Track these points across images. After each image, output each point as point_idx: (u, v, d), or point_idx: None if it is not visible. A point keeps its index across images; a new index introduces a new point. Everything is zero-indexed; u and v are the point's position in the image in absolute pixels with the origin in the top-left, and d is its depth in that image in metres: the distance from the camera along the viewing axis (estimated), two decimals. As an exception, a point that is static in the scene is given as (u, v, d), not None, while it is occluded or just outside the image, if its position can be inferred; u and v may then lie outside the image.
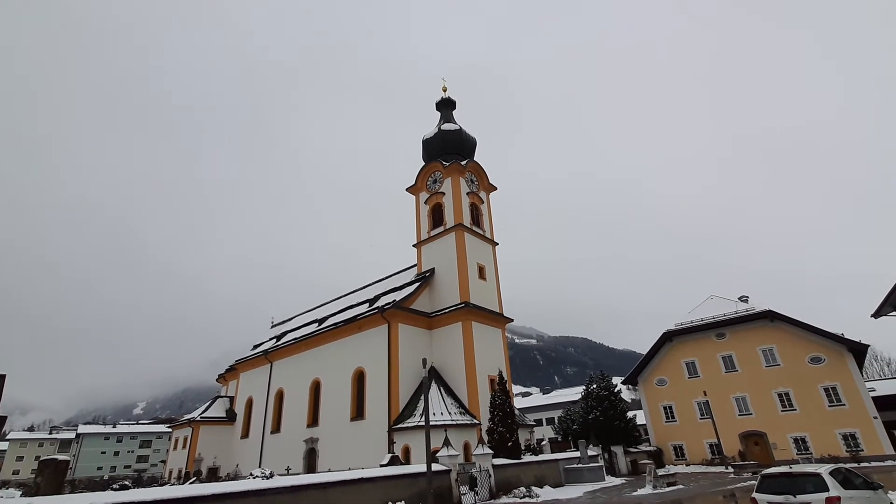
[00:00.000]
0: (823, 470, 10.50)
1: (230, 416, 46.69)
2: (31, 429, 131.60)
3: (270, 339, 52.18)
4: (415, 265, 40.71)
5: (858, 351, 34.48)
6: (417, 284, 36.71)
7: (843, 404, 33.13)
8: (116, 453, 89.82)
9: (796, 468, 11.37)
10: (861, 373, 35.15)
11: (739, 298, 40.82)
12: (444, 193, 39.67)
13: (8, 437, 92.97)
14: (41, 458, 15.19)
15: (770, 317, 37.01)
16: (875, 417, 32.05)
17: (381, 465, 20.87)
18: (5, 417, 11.30)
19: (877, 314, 19.82)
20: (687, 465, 37.33)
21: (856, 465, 27.51)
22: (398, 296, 35.92)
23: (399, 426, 29.53)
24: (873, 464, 29.62)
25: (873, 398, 33.24)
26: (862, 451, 31.54)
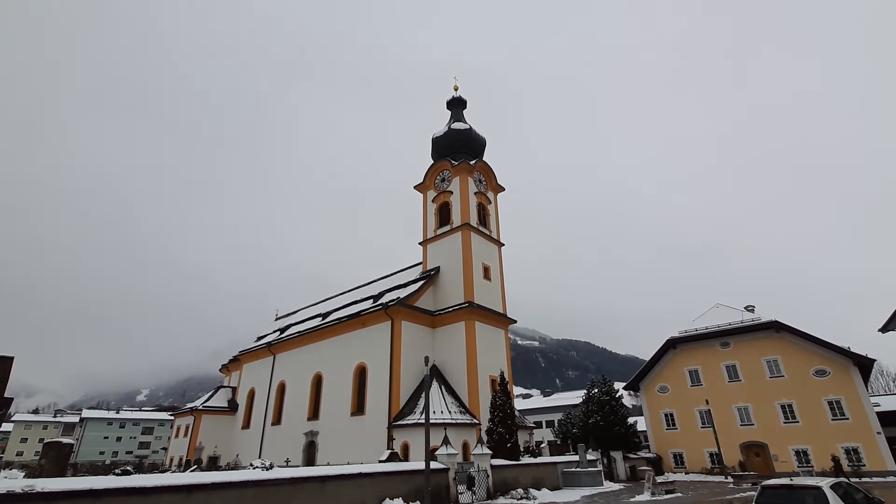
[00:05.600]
0: (824, 483, 10.43)
1: (232, 407, 47.00)
2: (35, 411, 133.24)
3: (274, 331, 52.44)
4: (420, 263, 40.73)
5: (864, 365, 34.15)
6: (422, 282, 36.73)
7: (847, 418, 32.82)
8: (119, 439, 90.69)
9: (797, 481, 11.29)
10: (866, 387, 34.81)
11: (745, 308, 40.51)
12: (451, 192, 39.64)
13: (13, 419, 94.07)
14: (45, 441, 15.36)
15: (776, 327, 36.71)
16: (878, 433, 31.72)
17: (380, 461, 20.92)
18: (11, 399, 11.41)
19: (884, 329, 19.65)
20: (686, 473, 37.15)
21: (857, 479, 27.26)
22: (402, 293, 35.95)
23: (399, 423, 29.59)
24: (875, 479, 29.33)
25: (878, 413, 32.92)
26: (864, 465, 31.25)
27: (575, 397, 67.91)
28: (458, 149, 42.33)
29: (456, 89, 47.51)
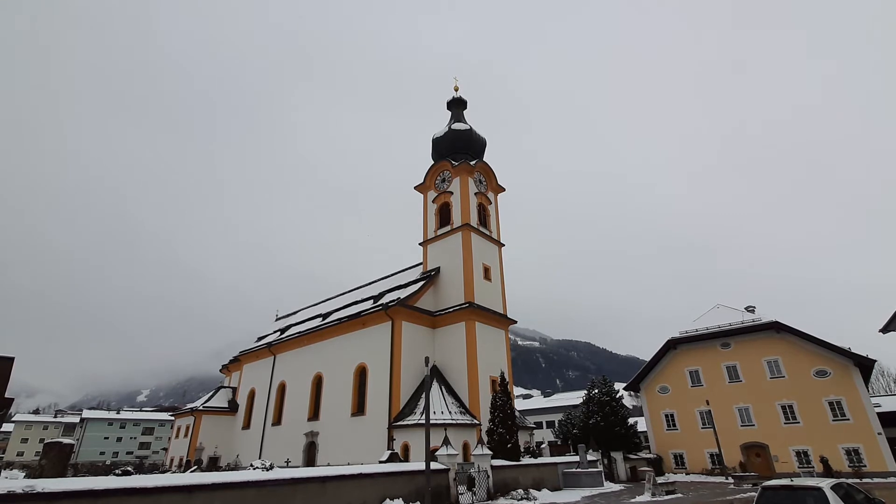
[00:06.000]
0: (825, 484, 10.40)
1: (232, 407, 46.99)
2: (36, 412, 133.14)
3: (274, 331, 52.45)
4: (420, 263, 40.73)
5: (865, 366, 34.10)
6: (422, 283, 36.73)
7: (848, 419, 32.77)
8: (119, 439, 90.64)
9: (797, 481, 11.27)
10: (867, 388, 34.76)
11: (746, 308, 40.48)
12: (452, 193, 39.65)
13: (14, 420, 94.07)
14: (45, 441, 15.36)
15: (776, 328, 36.66)
16: (879, 433, 31.68)
17: (380, 462, 20.93)
18: (12, 400, 11.43)
19: (885, 329, 19.65)
20: (687, 473, 37.11)
21: (858, 480, 27.21)
22: (403, 293, 35.95)
23: (399, 423, 29.59)
24: (876, 480, 29.30)
25: (878, 414, 32.88)
26: (865, 466, 31.22)
27: (575, 398, 67.85)
28: (459, 149, 42.34)
29: (456, 90, 47.53)
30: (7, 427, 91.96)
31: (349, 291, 49.38)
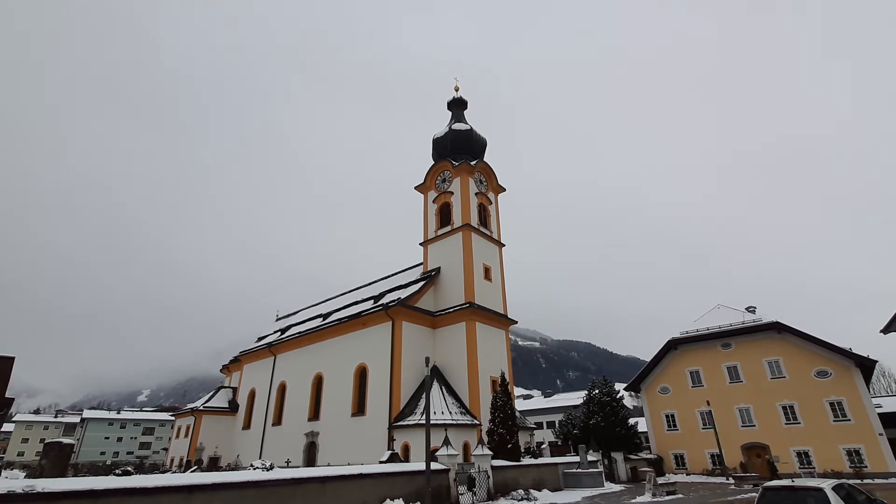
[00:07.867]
0: (826, 485, 10.37)
1: (233, 407, 46.99)
2: (37, 412, 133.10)
3: (275, 331, 52.43)
4: (420, 263, 40.72)
5: (866, 366, 34.06)
6: (423, 283, 36.71)
7: (849, 419, 32.73)
8: (120, 439, 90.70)
9: (798, 482, 11.25)
10: (868, 389, 34.72)
11: (747, 309, 40.45)
12: (452, 193, 39.64)
13: (14, 420, 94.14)
14: (46, 441, 15.36)
15: (777, 328, 36.62)
16: (881, 434, 31.63)
17: (380, 462, 20.90)
18: (12, 400, 11.43)
19: (886, 330, 19.63)
20: (687, 474, 37.07)
21: (859, 481, 27.18)
22: (403, 293, 35.94)
23: (399, 423, 29.58)
24: (877, 481, 29.25)
25: (879, 415, 32.84)
26: (866, 467, 31.18)
27: (576, 398, 67.86)
28: (459, 149, 42.31)
29: (457, 90, 47.51)
30: (8, 427, 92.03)
31: (349, 291, 49.37)
